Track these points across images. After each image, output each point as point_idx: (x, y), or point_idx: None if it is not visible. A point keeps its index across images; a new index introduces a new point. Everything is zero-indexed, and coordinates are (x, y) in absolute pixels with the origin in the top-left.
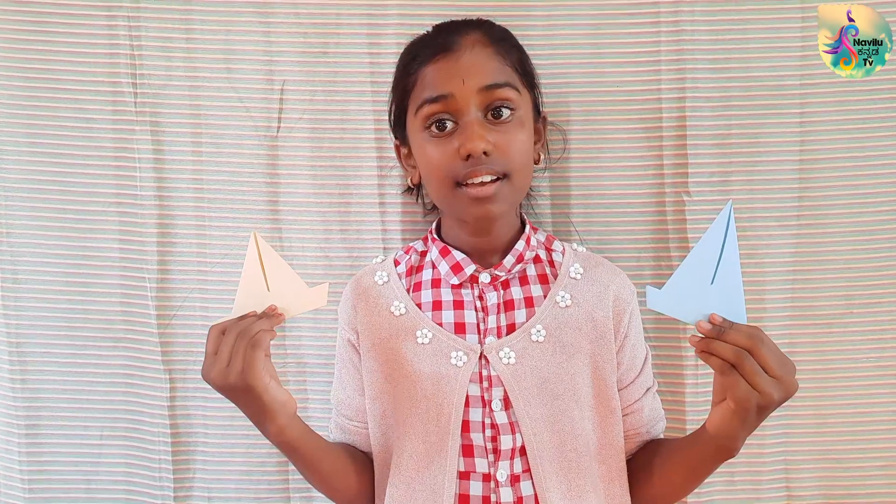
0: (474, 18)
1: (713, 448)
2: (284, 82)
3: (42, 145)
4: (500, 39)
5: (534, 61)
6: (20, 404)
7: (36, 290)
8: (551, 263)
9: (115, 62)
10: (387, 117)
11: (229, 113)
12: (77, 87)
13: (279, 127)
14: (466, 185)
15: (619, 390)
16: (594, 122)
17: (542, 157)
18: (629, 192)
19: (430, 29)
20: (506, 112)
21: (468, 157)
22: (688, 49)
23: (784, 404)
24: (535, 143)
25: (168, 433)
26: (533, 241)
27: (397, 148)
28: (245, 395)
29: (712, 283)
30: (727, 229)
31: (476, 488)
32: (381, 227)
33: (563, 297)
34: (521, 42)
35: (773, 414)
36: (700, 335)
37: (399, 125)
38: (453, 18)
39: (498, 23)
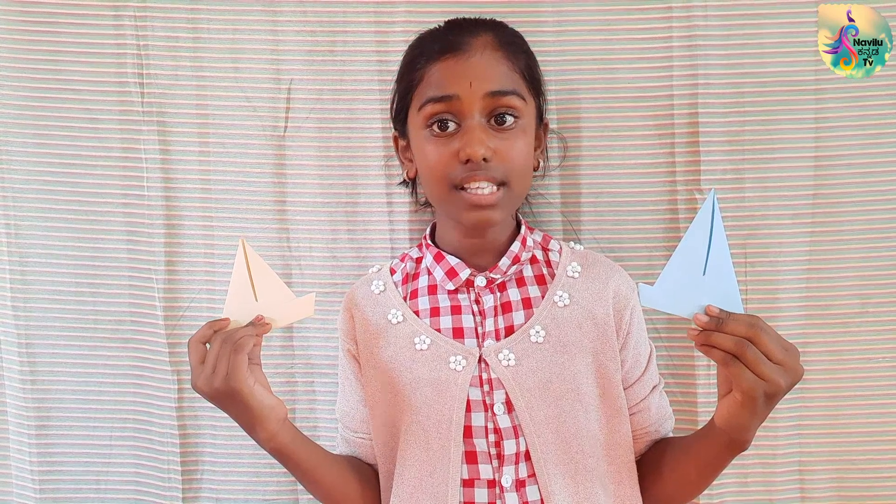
0: (487, 18)
1: (725, 442)
2: (292, 81)
3: (49, 145)
4: (510, 43)
5: (544, 59)
6: (30, 404)
7: (44, 290)
8: (548, 263)
9: (122, 62)
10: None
11: (236, 112)
12: (84, 86)
13: (286, 126)
14: (464, 189)
15: (624, 389)
16: (605, 119)
17: (541, 163)
18: (641, 191)
19: (441, 24)
20: (509, 119)
21: (467, 161)
22: (700, 45)
23: (798, 404)
24: (535, 150)
25: (176, 434)
26: (529, 242)
27: (395, 140)
28: (231, 399)
29: (704, 274)
30: (713, 218)
31: (481, 495)
32: (388, 226)
33: (561, 296)
34: (531, 40)
35: (786, 414)
36: (698, 329)
37: (400, 118)
38: (463, 16)
39: (509, 23)
